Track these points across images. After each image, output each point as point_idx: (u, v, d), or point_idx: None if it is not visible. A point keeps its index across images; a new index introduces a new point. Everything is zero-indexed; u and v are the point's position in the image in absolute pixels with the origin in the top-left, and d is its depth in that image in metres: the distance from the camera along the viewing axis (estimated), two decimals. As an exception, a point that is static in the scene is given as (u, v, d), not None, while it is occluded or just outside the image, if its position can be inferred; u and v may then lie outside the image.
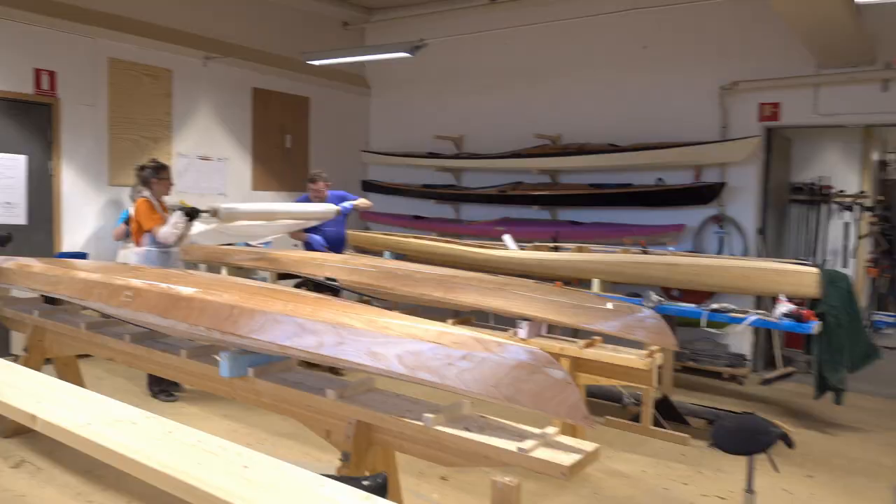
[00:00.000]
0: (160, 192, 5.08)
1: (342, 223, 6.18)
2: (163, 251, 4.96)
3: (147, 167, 5.07)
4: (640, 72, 7.03)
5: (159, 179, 5.05)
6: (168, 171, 5.14)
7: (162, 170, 5.09)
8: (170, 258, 5.00)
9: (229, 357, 3.01)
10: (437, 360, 2.50)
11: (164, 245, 4.94)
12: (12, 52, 5.81)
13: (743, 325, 4.65)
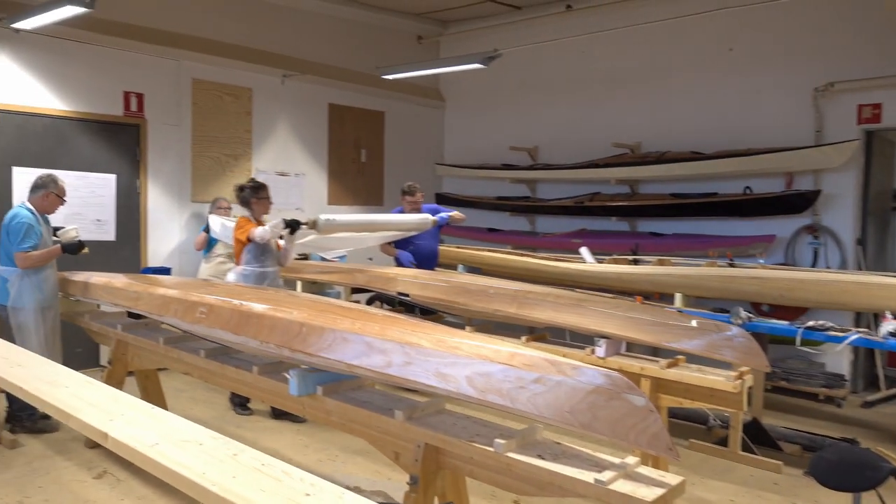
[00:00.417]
0: (260, 211, 4.87)
1: (435, 237, 5.96)
2: (260, 270, 4.72)
3: (246, 187, 4.89)
4: (726, 75, 6.70)
5: (258, 199, 4.84)
6: (267, 190, 4.93)
7: (261, 189, 4.88)
8: (267, 277, 4.75)
9: (298, 375, 2.98)
10: (509, 382, 2.38)
11: (261, 264, 4.73)
12: (103, 76, 6.09)
13: (843, 344, 4.30)
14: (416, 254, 5.78)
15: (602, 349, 3.94)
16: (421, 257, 5.79)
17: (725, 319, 4.59)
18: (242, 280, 4.68)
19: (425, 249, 5.86)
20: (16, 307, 4.35)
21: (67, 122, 5.91)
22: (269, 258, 4.79)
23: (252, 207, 4.84)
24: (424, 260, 5.82)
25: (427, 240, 5.81)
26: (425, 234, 5.69)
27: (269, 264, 4.79)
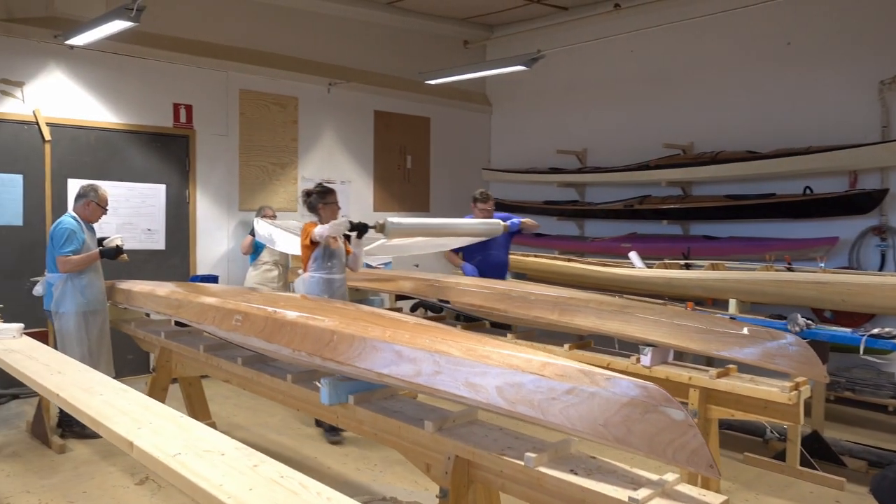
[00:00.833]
0: (328, 217, 4.55)
1: (505, 246, 5.58)
2: (327, 277, 4.49)
3: (313, 192, 4.62)
4: (783, 69, 6.41)
5: (325, 204, 4.55)
6: (334, 195, 4.64)
7: (328, 194, 4.60)
8: (333, 285, 4.52)
9: (329, 384, 2.94)
10: (540, 393, 2.27)
11: (328, 271, 4.50)
12: (154, 89, 6.24)
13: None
14: (483, 264, 5.44)
15: (647, 357, 3.78)
16: (489, 268, 5.44)
17: (782, 326, 4.35)
18: (308, 288, 4.48)
19: (494, 260, 5.51)
20: (58, 311, 4.47)
21: (119, 135, 6.07)
22: (336, 265, 4.57)
23: (319, 213, 4.57)
24: (493, 271, 5.45)
25: (496, 249, 5.48)
26: (495, 244, 5.40)
27: (336, 271, 4.56)
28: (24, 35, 5.54)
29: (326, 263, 4.52)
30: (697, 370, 3.70)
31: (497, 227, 5.16)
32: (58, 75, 5.77)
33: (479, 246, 5.39)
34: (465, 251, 5.53)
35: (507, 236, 5.42)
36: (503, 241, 5.48)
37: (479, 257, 5.47)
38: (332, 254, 4.54)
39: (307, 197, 4.66)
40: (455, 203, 8.53)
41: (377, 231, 4.29)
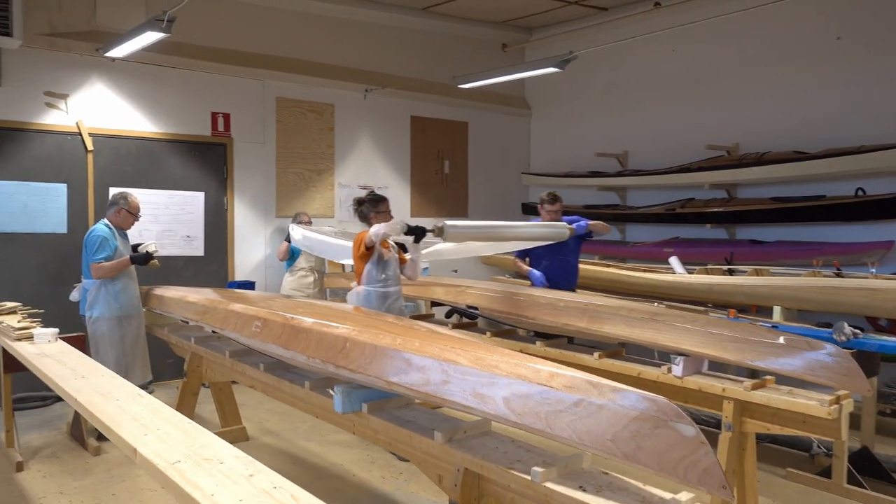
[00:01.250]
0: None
1: (574, 252, 5.20)
2: (381, 290, 4.19)
3: (365, 200, 4.40)
4: (833, 66, 6.12)
5: (378, 213, 4.31)
6: (387, 203, 4.41)
7: (381, 202, 4.38)
8: (388, 298, 4.23)
9: (342, 392, 2.90)
10: (547, 405, 2.18)
11: (383, 283, 4.20)
12: (192, 98, 6.36)
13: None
14: (552, 270, 5.12)
15: (679, 367, 3.62)
16: (557, 274, 5.11)
17: (827, 336, 4.13)
18: (361, 301, 4.19)
19: (563, 266, 5.16)
20: (92, 316, 4.58)
21: (159, 144, 6.21)
22: (390, 277, 4.26)
23: (371, 222, 4.31)
24: (561, 278, 5.10)
25: (565, 255, 5.12)
26: (564, 248, 5.06)
27: (390, 283, 4.24)
28: (68, 49, 5.71)
29: (380, 276, 4.21)
30: (732, 381, 3.52)
31: (563, 230, 4.79)
32: (100, 87, 5.94)
33: (547, 250, 5.08)
34: (532, 256, 5.25)
35: (576, 240, 5.08)
36: (573, 246, 5.14)
37: (546, 263, 5.15)
38: (385, 265, 4.24)
39: (359, 206, 4.42)
40: (493, 208, 8.46)
41: (435, 235, 3.99)
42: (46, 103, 5.69)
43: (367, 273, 4.22)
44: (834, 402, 3.14)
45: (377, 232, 4.03)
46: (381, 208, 4.38)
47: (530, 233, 4.80)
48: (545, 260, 5.16)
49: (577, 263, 5.30)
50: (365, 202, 4.41)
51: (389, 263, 4.28)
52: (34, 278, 5.58)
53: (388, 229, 4.01)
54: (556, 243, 4.93)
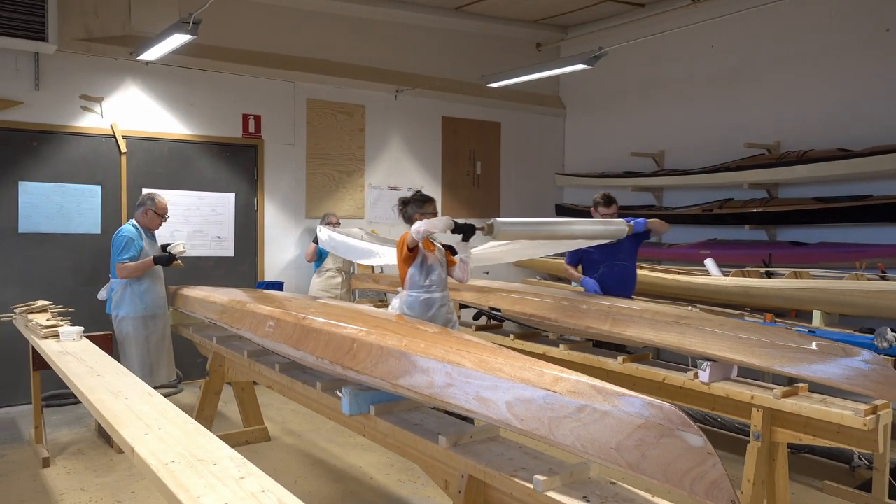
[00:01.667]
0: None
1: (632, 255, 4.80)
2: (426, 296, 3.92)
3: (410, 200, 4.10)
4: (881, 59, 5.84)
5: (423, 214, 3.99)
6: (434, 204, 4.10)
7: (427, 203, 4.07)
8: (434, 304, 3.94)
9: (350, 394, 2.85)
10: (550, 410, 2.09)
11: (427, 289, 3.93)
12: (224, 101, 6.43)
13: None
14: (608, 277, 4.74)
15: (706, 373, 3.47)
16: (614, 281, 4.73)
17: (867, 342, 3.91)
18: (403, 307, 3.95)
19: (620, 271, 4.75)
20: (118, 315, 4.63)
21: (190, 146, 6.28)
22: (435, 282, 3.97)
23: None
24: (617, 285, 4.73)
25: (623, 259, 4.74)
26: (621, 252, 4.70)
27: (435, 289, 3.96)
28: (103, 53, 5.83)
29: (423, 280, 3.94)
30: (762, 388, 3.36)
31: (621, 228, 4.42)
32: (134, 90, 6.04)
33: (603, 255, 4.69)
34: (586, 262, 4.86)
35: (633, 242, 4.69)
36: (629, 248, 4.74)
37: (603, 269, 4.74)
38: (430, 269, 3.96)
39: (403, 206, 4.13)
40: (526, 209, 8.34)
41: (484, 233, 3.72)
42: (82, 106, 5.81)
43: (410, 278, 3.96)
44: (870, 411, 2.96)
45: (418, 229, 3.67)
46: (427, 209, 4.06)
47: (586, 230, 4.43)
48: (602, 265, 4.74)
49: (635, 269, 4.89)
50: (410, 202, 4.10)
51: (434, 267, 3.98)
52: (68, 278, 5.70)
53: (430, 226, 3.66)
54: (611, 247, 4.62)
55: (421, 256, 3.94)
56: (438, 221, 3.69)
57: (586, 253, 4.79)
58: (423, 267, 3.96)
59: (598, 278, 4.77)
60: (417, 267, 3.95)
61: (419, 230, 3.69)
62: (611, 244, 4.59)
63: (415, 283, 3.95)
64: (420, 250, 3.92)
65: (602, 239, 4.47)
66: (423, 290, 3.95)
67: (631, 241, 4.66)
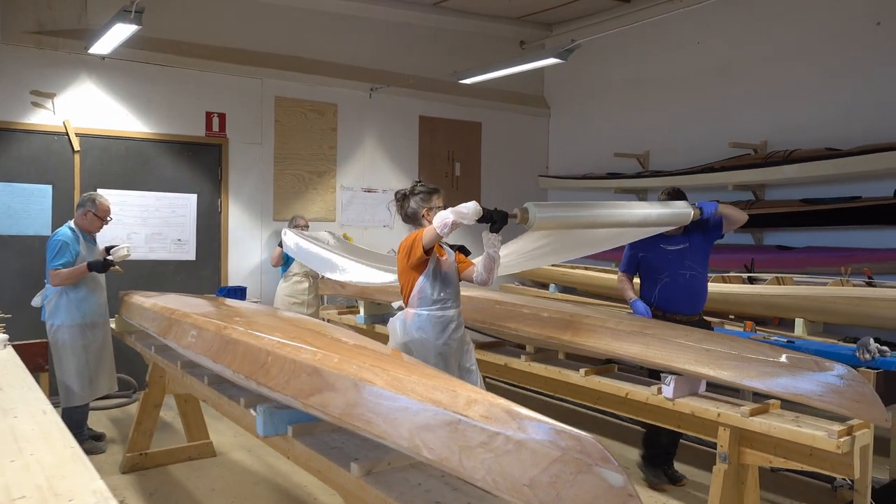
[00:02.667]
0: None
1: (703, 260, 3.93)
2: (438, 314, 3.18)
3: (413, 193, 3.31)
4: (871, 55, 5.56)
5: (431, 209, 3.25)
6: (441, 195, 3.35)
7: (434, 194, 3.31)
8: (448, 325, 3.20)
9: (265, 412, 2.57)
10: (462, 438, 1.81)
11: (441, 304, 3.19)
12: (186, 98, 6.16)
13: None
14: (671, 291, 3.87)
15: (670, 388, 3.19)
16: (678, 296, 3.86)
17: (851, 352, 3.63)
18: (411, 329, 3.20)
19: (687, 284, 3.87)
20: (53, 324, 4.35)
21: (150, 144, 6.02)
22: (451, 295, 3.23)
23: (422, 222, 3.27)
24: (684, 299, 3.87)
25: (691, 266, 3.88)
26: (689, 257, 3.88)
27: (451, 304, 3.22)
28: (55, 47, 5.57)
29: (438, 293, 3.18)
30: (731, 404, 3.07)
31: (685, 211, 3.62)
32: (89, 86, 5.78)
33: (664, 260, 3.88)
34: (644, 271, 4.00)
35: (703, 241, 3.93)
36: (700, 251, 3.92)
37: (664, 279, 3.89)
38: (445, 278, 3.21)
39: (403, 201, 3.34)
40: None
41: (517, 221, 3.00)
42: (33, 102, 5.55)
43: (420, 290, 3.17)
44: (845, 432, 2.68)
45: (445, 220, 2.86)
46: (436, 202, 3.29)
47: (648, 216, 3.54)
48: (663, 275, 3.90)
49: (706, 279, 4.02)
50: (411, 195, 3.31)
51: (450, 276, 3.24)
52: (14, 282, 5.42)
53: (459, 216, 2.86)
54: (677, 252, 3.89)
55: (434, 262, 3.18)
56: (465, 209, 2.87)
57: (644, 258, 3.98)
58: (436, 276, 3.19)
59: (658, 293, 3.91)
60: (429, 276, 3.17)
61: (446, 221, 2.86)
62: (677, 248, 3.88)
63: (426, 298, 3.18)
64: (434, 254, 3.17)
65: (663, 226, 3.69)
66: (437, 307, 3.18)
67: (701, 242, 3.92)
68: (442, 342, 3.20)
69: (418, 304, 3.20)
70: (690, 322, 3.80)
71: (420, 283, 3.18)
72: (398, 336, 3.26)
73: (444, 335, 3.20)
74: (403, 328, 3.24)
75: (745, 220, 3.90)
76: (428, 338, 3.18)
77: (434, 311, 3.19)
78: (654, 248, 3.95)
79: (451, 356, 3.26)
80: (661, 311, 3.91)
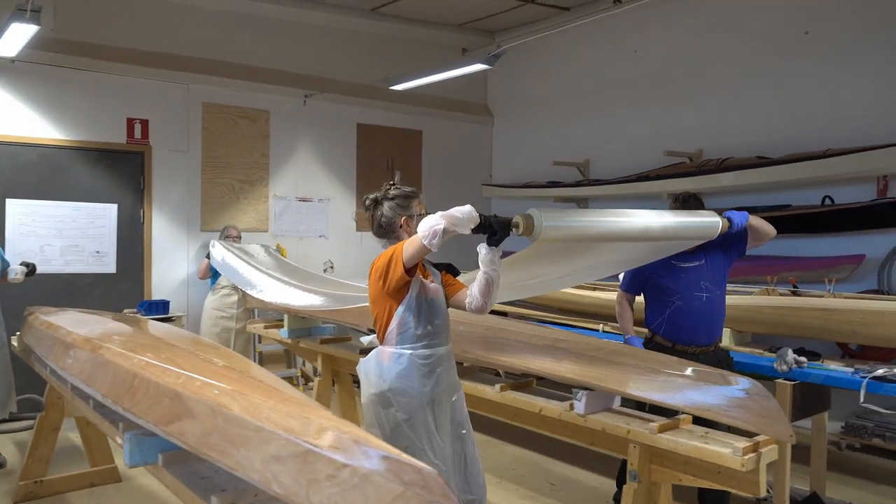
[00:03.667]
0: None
1: (721, 280, 3.39)
2: (427, 351, 2.55)
3: (387, 198, 2.67)
4: (800, 64, 5.58)
5: (411, 217, 2.67)
6: (419, 200, 2.75)
7: (412, 199, 2.71)
8: (440, 365, 2.59)
9: (132, 440, 2.37)
10: (311, 471, 1.65)
11: (428, 340, 2.55)
12: (105, 103, 5.90)
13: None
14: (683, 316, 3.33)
15: (581, 403, 3.06)
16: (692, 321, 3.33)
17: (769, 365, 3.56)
18: (392, 376, 2.53)
19: (704, 308, 3.32)
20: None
21: (65, 152, 5.74)
22: (442, 326, 2.63)
23: (400, 234, 2.66)
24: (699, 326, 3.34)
25: (706, 288, 3.33)
26: (703, 280, 3.33)
27: (440, 339, 2.62)
28: (-41, 49, 5.28)
29: (423, 327, 2.55)
30: (642, 420, 2.96)
31: (712, 224, 2.97)
32: (-3, 90, 5.50)
33: (677, 280, 3.32)
34: (651, 292, 3.45)
35: (724, 258, 3.39)
36: (719, 269, 3.38)
37: (676, 303, 3.34)
38: (432, 306, 2.58)
39: (374, 208, 2.68)
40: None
41: (518, 232, 2.37)
42: (-65, 108, 5.25)
43: (401, 323, 2.52)
44: (750, 449, 2.57)
45: (434, 229, 2.25)
46: (415, 207, 2.69)
47: (665, 226, 2.86)
48: (676, 297, 3.33)
49: (724, 300, 3.46)
50: (384, 201, 2.67)
51: (437, 303, 2.61)
52: None
53: (452, 223, 2.26)
54: (692, 270, 3.33)
55: (417, 286, 2.54)
56: (460, 213, 2.28)
57: (652, 276, 3.39)
58: (421, 304, 2.54)
59: (667, 320, 3.35)
60: (412, 305, 2.52)
61: (435, 229, 2.25)
62: (692, 266, 3.32)
63: (408, 333, 2.53)
64: (416, 275, 2.54)
65: (685, 241, 3.05)
66: (424, 344, 2.55)
67: (720, 258, 3.37)
68: (429, 389, 2.55)
69: (398, 340, 2.54)
70: (706, 354, 3.32)
71: (400, 314, 2.52)
72: (373, 383, 2.57)
73: (431, 380, 2.56)
74: (380, 373, 2.56)
75: (774, 235, 3.31)
76: (413, 385, 2.53)
77: (419, 349, 2.55)
78: (664, 263, 3.26)
79: (443, 408, 2.61)
80: (669, 341, 3.36)
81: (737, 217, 3.09)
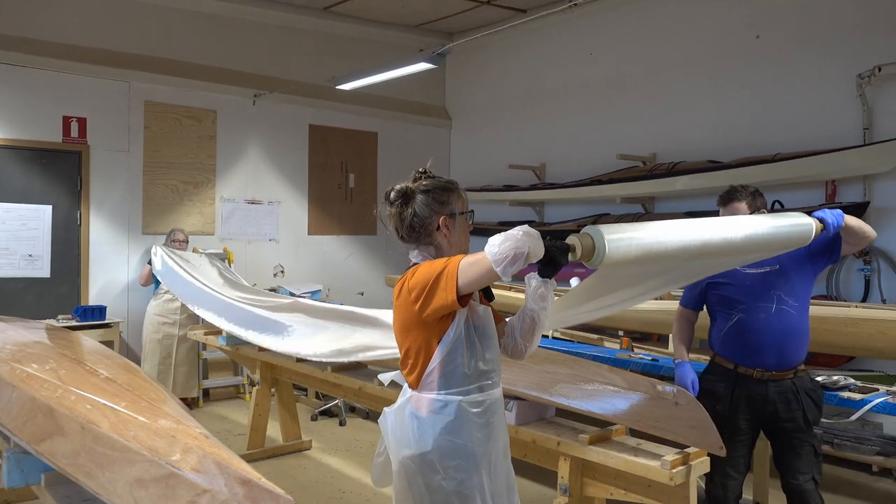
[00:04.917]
0: (457, 241, 2.07)
1: (802, 290, 2.80)
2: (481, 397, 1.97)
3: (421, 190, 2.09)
4: (751, 68, 5.54)
5: (452, 216, 2.06)
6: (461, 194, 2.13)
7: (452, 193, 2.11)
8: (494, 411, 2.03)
9: (13, 458, 2.18)
10: (171, 497, 1.49)
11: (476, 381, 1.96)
12: (39, 101, 5.65)
13: (860, 412, 3.08)
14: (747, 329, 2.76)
15: (512, 414, 2.93)
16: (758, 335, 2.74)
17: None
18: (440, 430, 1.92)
19: (772, 323, 2.74)
20: None
21: (-4, 151, 5.49)
22: (491, 363, 2.03)
23: (437, 236, 2.06)
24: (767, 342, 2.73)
25: (778, 297, 2.76)
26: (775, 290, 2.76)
27: (494, 378, 2.04)
28: None
29: (475, 363, 1.98)
30: (573, 431, 2.84)
31: (804, 228, 2.41)
32: (-79, 86, 5.23)
33: (741, 287, 2.81)
34: (714, 304, 2.91)
35: (804, 262, 2.78)
36: (798, 274, 2.80)
37: (738, 314, 2.80)
38: (483, 335, 2.00)
39: (404, 204, 2.09)
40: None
41: (575, 257, 1.84)
42: None
43: (446, 359, 1.94)
44: (679, 462, 2.46)
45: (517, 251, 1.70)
46: (457, 205, 2.08)
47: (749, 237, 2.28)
48: (739, 308, 2.80)
49: (806, 315, 2.82)
50: (419, 194, 2.07)
51: (487, 330, 2.02)
52: None
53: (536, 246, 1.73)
54: (762, 278, 2.79)
55: (465, 314, 1.95)
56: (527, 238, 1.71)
57: (712, 284, 2.86)
58: (471, 333, 1.97)
59: (724, 336, 2.84)
60: (461, 335, 1.94)
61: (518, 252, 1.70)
62: (761, 272, 2.79)
63: (455, 372, 1.94)
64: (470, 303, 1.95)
65: (773, 251, 2.50)
66: (476, 386, 1.97)
67: (800, 263, 2.77)
68: (484, 447, 1.97)
69: (441, 384, 1.93)
70: (778, 382, 2.73)
71: (445, 350, 1.92)
72: (408, 442, 1.95)
73: (486, 433, 1.97)
74: (418, 428, 1.94)
75: (874, 238, 2.68)
76: (464, 443, 1.93)
77: (473, 393, 1.96)
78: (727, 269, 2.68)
79: (499, 472, 2.03)
80: (731, 362, 2.80)
81: (830, 218, 2.48)
